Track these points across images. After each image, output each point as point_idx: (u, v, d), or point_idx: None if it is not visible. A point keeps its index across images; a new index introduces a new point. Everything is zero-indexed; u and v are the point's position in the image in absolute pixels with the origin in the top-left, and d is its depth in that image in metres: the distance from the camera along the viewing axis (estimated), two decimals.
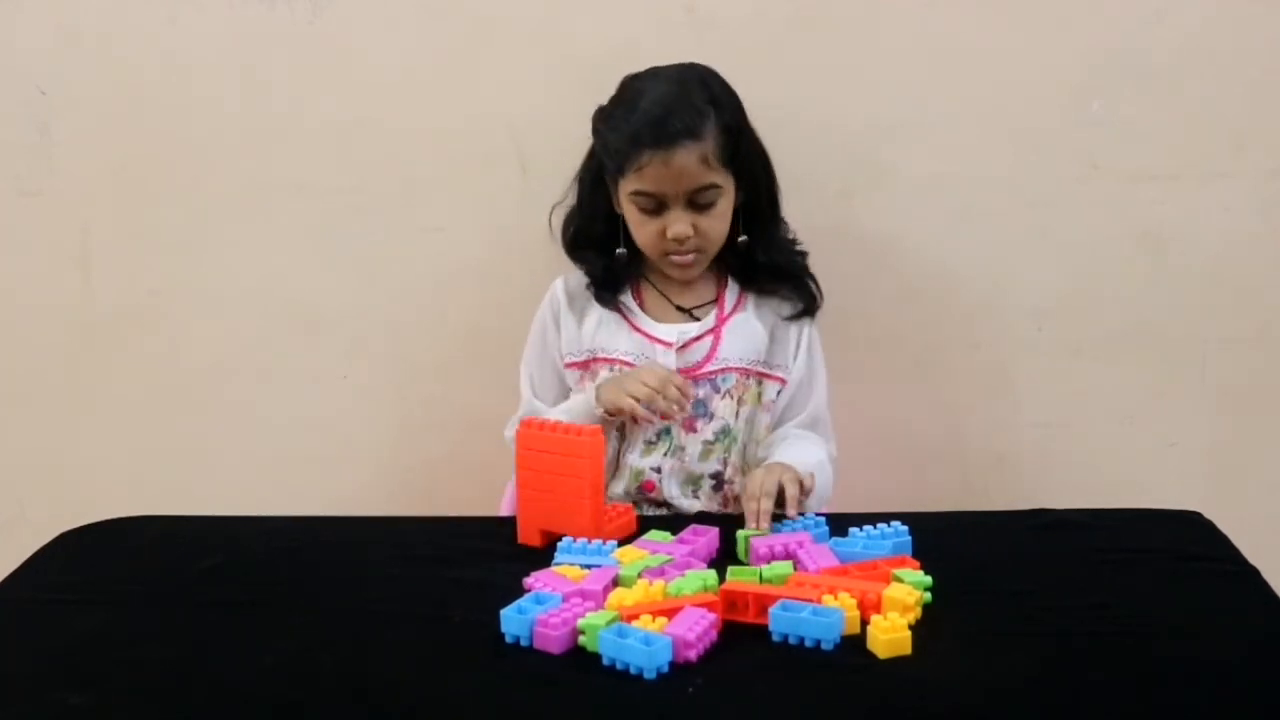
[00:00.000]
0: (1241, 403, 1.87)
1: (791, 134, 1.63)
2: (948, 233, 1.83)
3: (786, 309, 1.64)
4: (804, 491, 1.43)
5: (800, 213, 1.66)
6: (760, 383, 1.62)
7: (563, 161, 1.65)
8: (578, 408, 1.58)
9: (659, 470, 1.59)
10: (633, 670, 1.09)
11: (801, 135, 1.61)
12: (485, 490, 1.73)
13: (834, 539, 1.36)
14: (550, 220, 1.66)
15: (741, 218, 1.60)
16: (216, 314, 1.92)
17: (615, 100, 1.56)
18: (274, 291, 1.91)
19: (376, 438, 1.95)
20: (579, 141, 1.62)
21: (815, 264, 1.66)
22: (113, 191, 1.89)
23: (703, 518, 1.51)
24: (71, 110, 1.86)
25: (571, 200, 1.66)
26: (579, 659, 1.13)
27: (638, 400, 1.49)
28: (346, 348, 1.92)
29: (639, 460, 1.59)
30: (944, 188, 1.81)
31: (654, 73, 1.56)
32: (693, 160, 1.50)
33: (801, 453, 1.56)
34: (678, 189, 1.51)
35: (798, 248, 1.65)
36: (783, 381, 1.63)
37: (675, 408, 1.50)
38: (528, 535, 1.42)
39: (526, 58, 1.81)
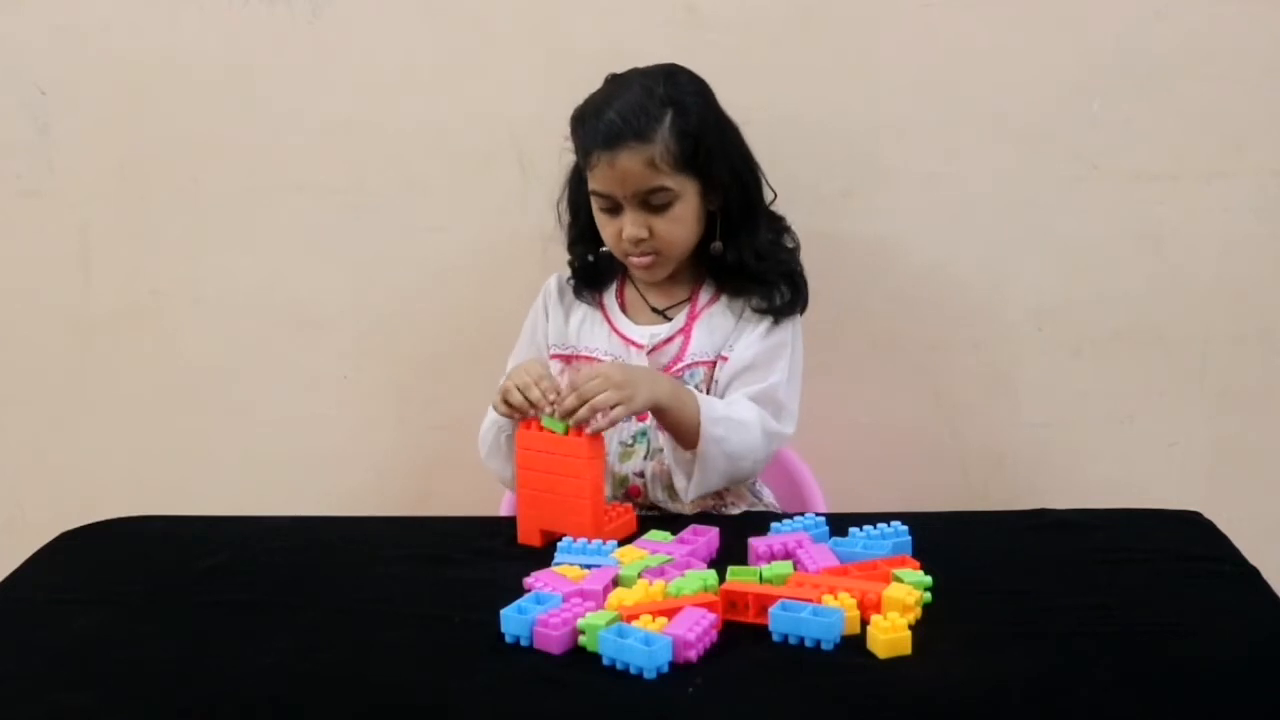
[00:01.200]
0: (1241, 403, 1.87)
1: (791, 134, 1.63)
2: (948, 233, 1.83)
3: (756, 302, 1.59)
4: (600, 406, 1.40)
5: (800, 213, 1.66)
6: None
7: (563, 161, 1.65)
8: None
9: (642, 475, 1.59)
10: (633, 670, 1.09)
11: (801, 135, 1.62)
12: (485, 490, 1.73)
13: (834, 539, 1.35)
14: (558, 214, 1.66)
15: (719, 222, 1.58)
16: (216, 314, 1.92)
17: (587, 99, 1.56)
18: (274, 291, 1.91)
19: (376, 438, 1.95)
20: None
21: (816, 264, 1.65)
22: (113, 191, 1.89)
23: (703, 518, 1.51)
24: (71, 110, 1.86)
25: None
26: (579, 659, 1.13)
27: (509, 404, 1.44)
28: (346, 348, 1.93)
29: (619, 465, 1.59)
30: (944, 188, 1.81)
31: (628, 74, 1.56)
32: (637, 163, 1.49)
33: (723, 403, 1.52)
34: (625, 190, 1.51)
35: (783, 253, 1.61)
36: (725, 359, 1.58)
37: (543, 403, 1.42)
38: (528, 535, 1.42)
39: (526, 58, 1.81)
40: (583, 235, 1.64)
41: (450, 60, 1.82)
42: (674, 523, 1.44)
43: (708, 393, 1.58)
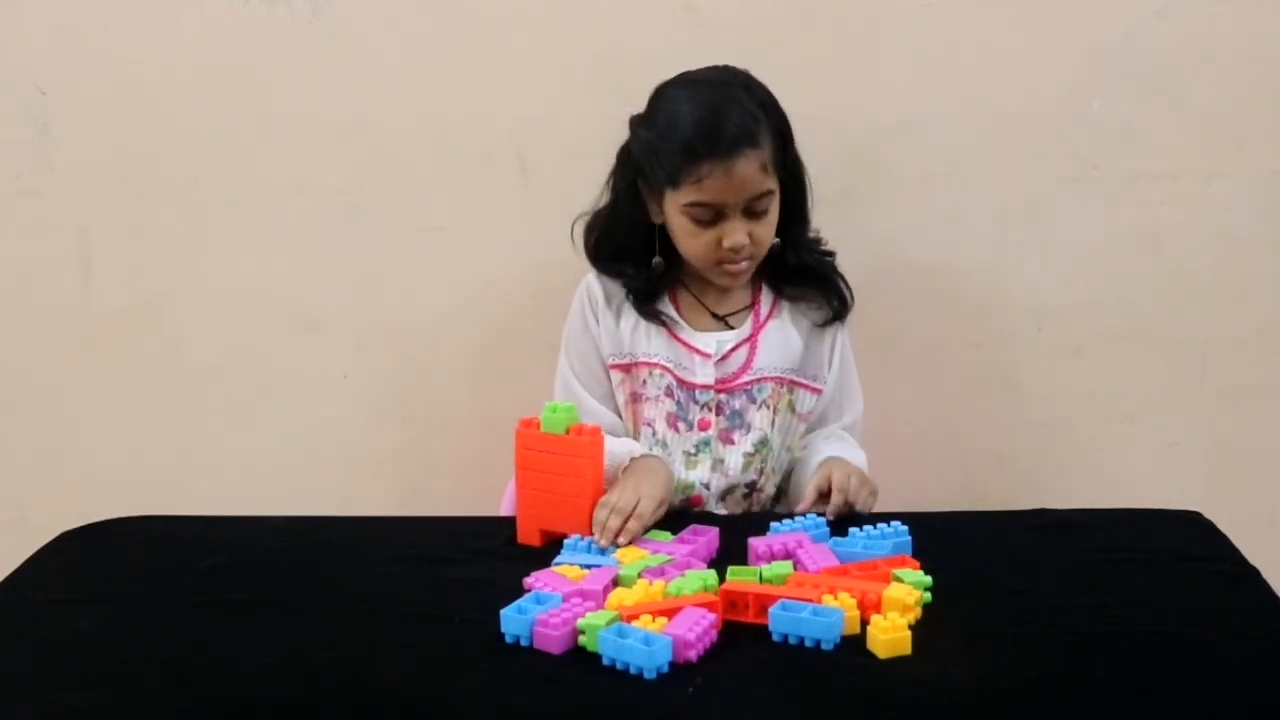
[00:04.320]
0: (1241, 403, 1.87)
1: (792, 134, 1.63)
2: (948, 233, 1.83)
3: (817, 315, 1.62)
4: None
5: None
6: (792, 390, 1.61)
7: (563, 162, 1.65)
8: (619, 453, 1.51)
9: (707, 486, 1.58)
10: (633, 670, 1.09)
11: (801, 135, 1.61)
12: (485, 490, 1.73)
13: (834, 539, 1.35)
14: (571, 232, 1.63)
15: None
16: (216, 314, 1.92)
17: (655, 109, 1.53)
18: (274, 292, 1.91)
19: (377, 438, 1.95)
20: (579, 142, 1.62)
21: None
22: (113, 191, 1.89)
23: (704, 518, 1.51)
24: (71, 110, 1.86)
25: (599, 208, 1.61)
26: (579, 659, 1.13)
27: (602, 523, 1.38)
28: (346, 348, 1.92)
29: (685, 473, 1.58)
30: (944, 188, 1.82)
31: (690, 79, 1.53)
32: (754, 168, 1.47)
33: (854, 453, 1.57)
34: (738, 198, 1.48)
35: (823, 247, 1.63)
36: (817, 391, 1.62)
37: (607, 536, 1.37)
38: (528, 535, 1.42)
39: (526, 58, 1.81)
40: (639, 252, 1.58)
41: (450, 60, 1.82)
42: (674, 523, 1.44)
43: (775, 412, 1.59)
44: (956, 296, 1.85)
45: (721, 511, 1.59)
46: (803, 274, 1.61)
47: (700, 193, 1.48)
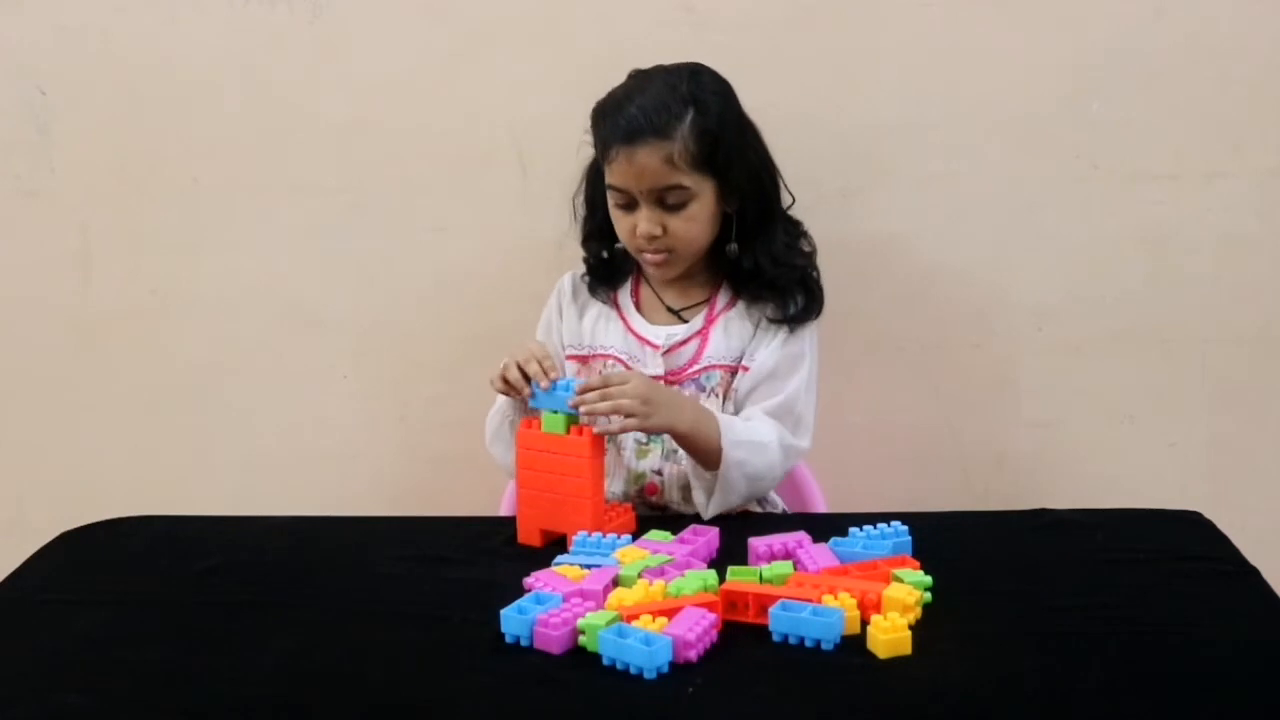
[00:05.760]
0: (1241, 403, 1.87)
1: (791, 134, 1.63)
2: (948, 233, 1.83)
3: (775, 312, 1.59)
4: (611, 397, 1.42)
5: (800, 212, 1.65)
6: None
7: (563, 161, 1.65)
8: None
9: (660, 473, 1.59)
10: (633, 670, 1.09)
11: (801, 135, 1.62)
12: (485, 490, 1.73)
13: (834, 539, 1.35)
14: (574, 209, 1.66)
15: (735, 224, 1.57)
16: (216, 314, 1.92)
17: (610, 93, 1.56)
18: (274, 291, 1.91)
19: (377, 437, 1.95)
20: (579, 141, 1.62)
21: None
22: (113, 191, 1.89)
23: (718, 520, 1.50)
24: (71, 110, 1.86)
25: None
26: (579, 659, 1.13)
27: (505, 381, 1.45)
28: (346, 348, 1.93)
29: (636, 463, 1.59)
30: (944, 188, 1.81)
31: (652, 70, 1.56)
32: (655, 160, 1.49)
33: (744, 424, 1.52)
34: (640, 187, 1.51)
35: (799, 258, 1.60)
36: (745, 370, 1.58)
37: (540, 377, 1.43)
38: (528, 535, 1.42)
39: (526, 58, 1.81)
40: (598, 231, 1.63)
41: (450, 60, 1.82)
42: (674, 523, 1.44)
43: (724, 399, 1.58)
44: (956, 296, 1.85)
45: (687, 509, 1.57)
46: (760, 281, 1.58)
47: (612, 176, 1.53)
